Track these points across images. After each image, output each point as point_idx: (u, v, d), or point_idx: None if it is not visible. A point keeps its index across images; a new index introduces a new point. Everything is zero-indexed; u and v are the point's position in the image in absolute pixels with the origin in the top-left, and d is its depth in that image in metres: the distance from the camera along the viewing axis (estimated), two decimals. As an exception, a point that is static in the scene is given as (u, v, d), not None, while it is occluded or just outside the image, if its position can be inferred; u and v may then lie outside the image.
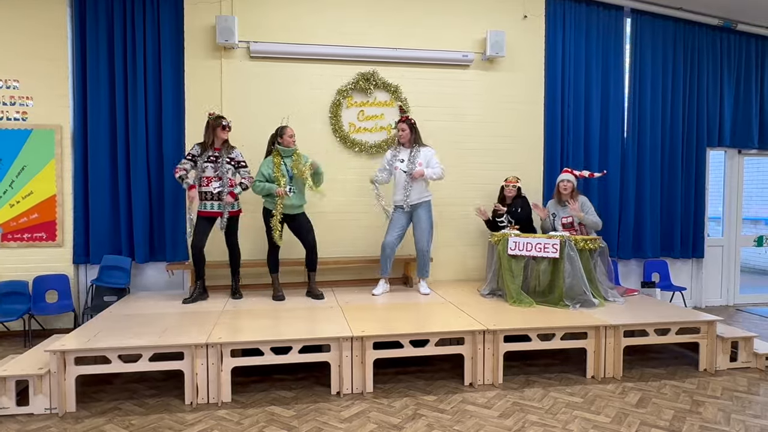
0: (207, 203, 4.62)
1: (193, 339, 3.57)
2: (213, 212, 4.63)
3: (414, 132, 4.96)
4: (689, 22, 6.12)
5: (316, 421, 3.31)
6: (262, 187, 4.66)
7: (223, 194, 4.60)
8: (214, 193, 4.59)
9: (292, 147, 4.69)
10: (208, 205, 4.62)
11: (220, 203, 4.63)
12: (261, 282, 5.28)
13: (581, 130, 5.91)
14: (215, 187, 4.58)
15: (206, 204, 4.62)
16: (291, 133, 4.70)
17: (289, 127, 4.73)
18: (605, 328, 4.05)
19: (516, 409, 3.49)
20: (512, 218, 5.25)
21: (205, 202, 4.62)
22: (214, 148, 4.62)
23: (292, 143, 4.69)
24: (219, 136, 4.61)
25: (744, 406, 3.57)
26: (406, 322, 4.08)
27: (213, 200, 4.61)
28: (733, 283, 6.68)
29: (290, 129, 4.72)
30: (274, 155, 4.70)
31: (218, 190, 4.59)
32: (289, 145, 4.68)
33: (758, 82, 6.36)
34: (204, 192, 4.60)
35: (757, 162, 7.12)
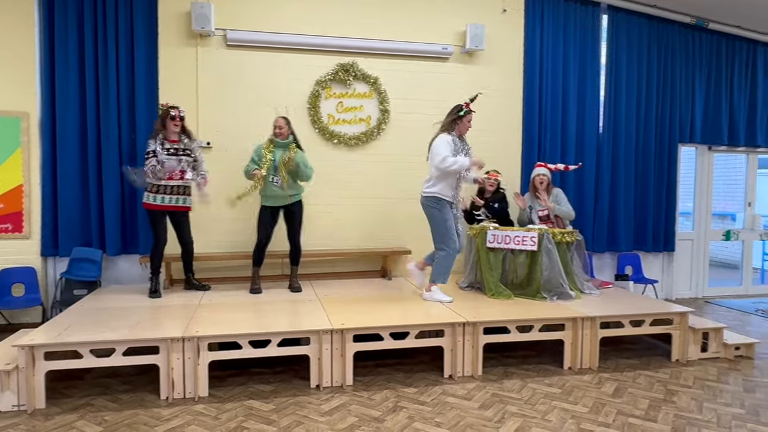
0: (166, 197, 4.45)
1: (169, 333, 3.49)
2: (171, 206, 4.49)
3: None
4: (663, 20, 6.23)
5: (296, 414, 3.27)
6: (247, 169, 4.62)
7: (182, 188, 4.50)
8: (173, 186, 4.46)
9: (280, 139, 4.60)
10: (165, 199, 4.45)
11: (179, 197, 4.50)
12: (237, 275, 5.19)
13: (558, 124, 5.97)
14: (176, 182, 4.45)
15: (164, 197, 4.45)
16: (277, 124, 4.61)
17: (279, 118, 4.64)
18: (582, 320, 4.10)
19: (496, 401, 3.51)
20: (490, 213, 5.27)
21: (163, 195, 4.44)
22: (171, 141, 4.47)
23: (279, 135, 4.60)
24: (170, 128, 4.44)
25: (715, 394, 3.66)
26: (385, 314, 4.07)
27: (172, 194, 4.47)
28: (702, 276, 6.86)
29: (279, 120, 4.63)
30: (267, 142, 4.63)
31: (179, 184, 4.47)
32: (276, 136, 4.60)
33: (728, 81, 6.51)
34: (164, 186, 4.43)
35: (726, 158, 7.31)
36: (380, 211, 5.60)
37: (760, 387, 3.81)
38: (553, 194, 5.20)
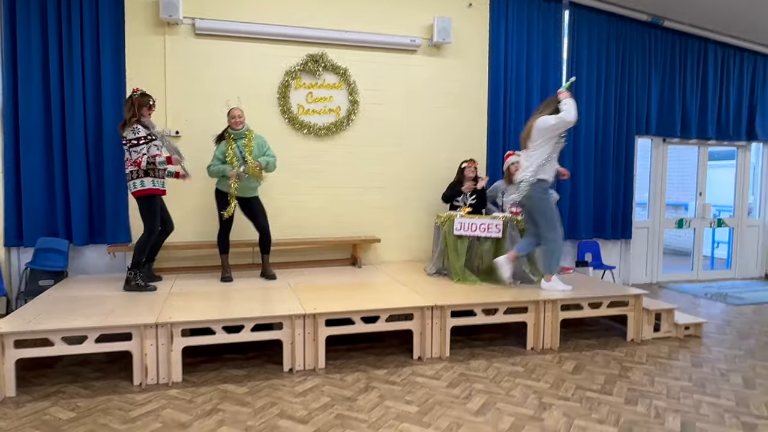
0: (158, 181, 4.38)
1: (143, 319, 3.52)
2: (163, 190, 4.47)
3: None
4: (621, 17, 6.48)
5: (270, 396, 3.35)
6: (217, 169, 4.63)
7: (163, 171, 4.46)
8: (160, 170, 4.43)
9: (239, 128, 4.64)
10: (158, 183, 4.39)
11: (164, 180, 4.48)
12: (207, 264, 5.21)
13: (522, 115, 6.15)
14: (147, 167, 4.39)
15: (162, 182, 4.41)
16: (235, 114, 4.65)
17: (235, 108, 4.68)
18: (544, 303, 4.30)
19: (462, 380, 3.67)
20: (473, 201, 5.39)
21: (155, 179, 4.34)
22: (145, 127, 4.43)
23: (237, 125, 4.64)
24: (145, 116, 4.36)
25: (666, 370, 3.91)
26: (356, 300, 4.18)
27: (161, 177, 4.45)
28: (657, 263, 7.21)
29: (236, 110, 4.67)
30: (227, 139, 4.65)
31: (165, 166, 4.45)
32: (235, 126, 4.63)
33: (681, 76, 6.83)
34: (157, 170, 4.36)
35: (679, 150, 7.66)
36: (350, 200, 5.69)
37: (706, 362, 4.08)
38: None
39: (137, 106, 4.30)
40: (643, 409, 3.24)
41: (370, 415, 3.11)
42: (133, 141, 4.25)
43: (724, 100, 7.07)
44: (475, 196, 5.42)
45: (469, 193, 5.41)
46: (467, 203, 5.38)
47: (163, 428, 2.92)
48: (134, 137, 4.26)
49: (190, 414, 3.09)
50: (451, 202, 5.49)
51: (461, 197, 5.42)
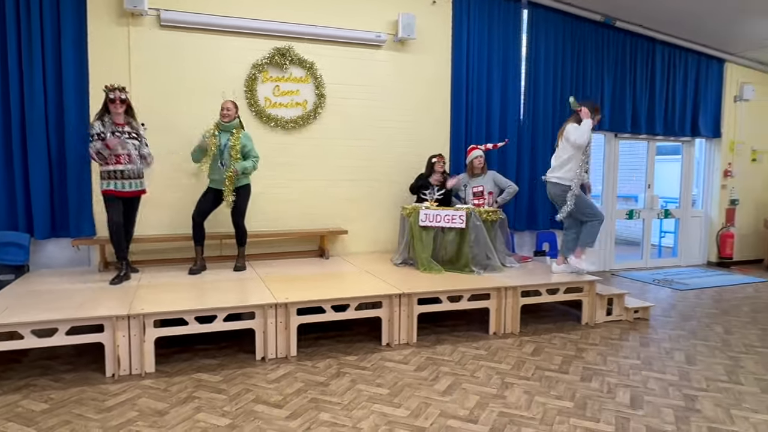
0: (117, 182, 4.35)
1: (114, 311, 3.53)
2: (124, 192, 4.44)
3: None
4: (577, 17, 6.77)
5: (244, 384, 3.44)
6: (195, 148, 4.71)
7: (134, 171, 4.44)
8: (124, 171, 4.38)
9: (225, 122, 4.68)
10: (119, 185, 4.36)
11: (133, 181, 4.46)
12: (174, 257, 5.22)
13: (483, 111, 6.38)
14: (124, 166, 4.38)
15: (116, 183, 4.36)
16: (224, 106, 4.70)
17: (226, 101, 4.74)
18: (505, 290, 4.53)
19: (430, 363, 3.85)
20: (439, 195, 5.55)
21: (116, 181, 4.35)
22: (116, 124, 4.39)
23: (224, 117, 4.69)
24: (112, 111, 4.33)
25: (617, 350, 4.20)
26: (326, 289, 4.29)
27: (125, 179, 4.41)
28: (610, 252, 7.59)
29: (226, 102, 4.72)
30: (215, 125, 4.70)
31: (129, 168, 4.41)
32: (222, 119, 4.69)
33: (632, 75, 7.18)
34: (114, 171, 4.35)
35: (630, 145, 8.06)
36: (317, 192, 5.78)
37: (653, 342, 4.40)
38: (489, 176, 5.63)
39: (104, 102, 4.34)
40: (596, 386, 3.49)
41: (343, 398, 3.25)
42: (90, 136, 4.33)
43: (671, 98, 7.48)
44: (443, 192, 5.59)
45: (437, 188, 5.58)
46: (434, 198, 5.54)
47: (140, 416, 2.97)
48: (89, 132, 4.34)
49: (167, 402, 3.15)
50: (418, 194, 5.65)
51: (429, 190, 5.58)
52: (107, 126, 4.30)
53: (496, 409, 3.13)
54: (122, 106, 4.36)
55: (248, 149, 4.82)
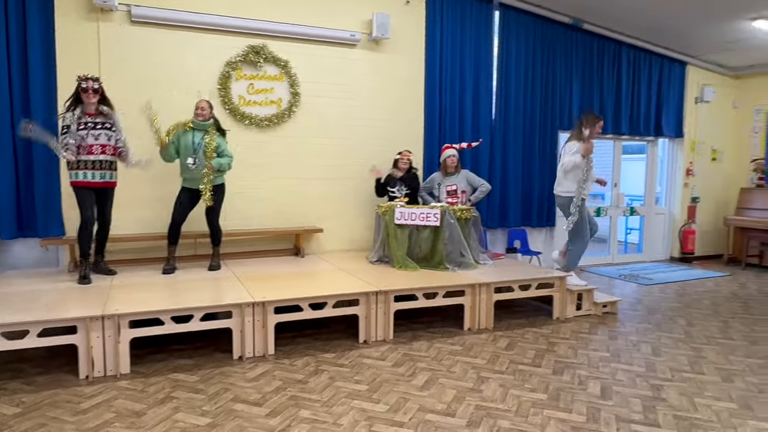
0: (89, 173, 4.27)
1: (88, 311, 3.48)
2: (97, 182, 4.36)
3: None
4: (546, 18, 6.92)
5: (222, 383, 3.43)
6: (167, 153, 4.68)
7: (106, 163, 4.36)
8: (96, 161, 4.30)
9: (199, 121, 4.65)
10: (89, 175, 4.28)
11: (104, 172, 4.38)
12: (146, 257, 5.15)
13: (456, 110, 6.47)
14: (97, 156, 4.31)
15: (87, 173, 4.27)
16: (199, 105, 4.66)
17: (201, 100, 4.70)
18: (479, 286, 4.62)
19: (407, 359, 3.91)
20: (404, 189, 5.62)
21: (86, 171, 4.27)
22: (88, 114, 4.30)
23: (199, 116, 4.65)
24: (84, 101, 4.25)
25: (587, 343, 4.34)
26: (303, 287, 4.30)
27: (96, 169, 4.33)
28: (578, 248, 7.79)
29: (201, 102, 4.69)
30: (185, 123, 4.66)
31: (102, 159, 4.33)
32: (197, 118, 4.64)
33: (599, 76, 7.38)
34: (86, 161, 4.26)
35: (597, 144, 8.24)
36: (292, 191, 5.77)
37: (621, 335, 4.55)
38: (463, 175, 5.71)
39: (76, 92, 4.25)
40: (568, 378, 3.61)
41: (322, 395, 3.27)
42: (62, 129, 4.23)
43: (636, 98, 7.72)
44: (407, 185, 5.66)
45: (403, 184, 5.64)
46: (403, 194, 5.61)
47: (117, 417, 2.94)
48: (61, 124, 4.24)
49: (144, 403, 3.13)
50: (385, 193, 5.70)
51: (396, 187, 5.64)
52: (77, 117, 4.21)
53: (472, 402, 3.21)
54: (95, 96, 4.27)
55: (222, 149, 4.79)
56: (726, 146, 8.62)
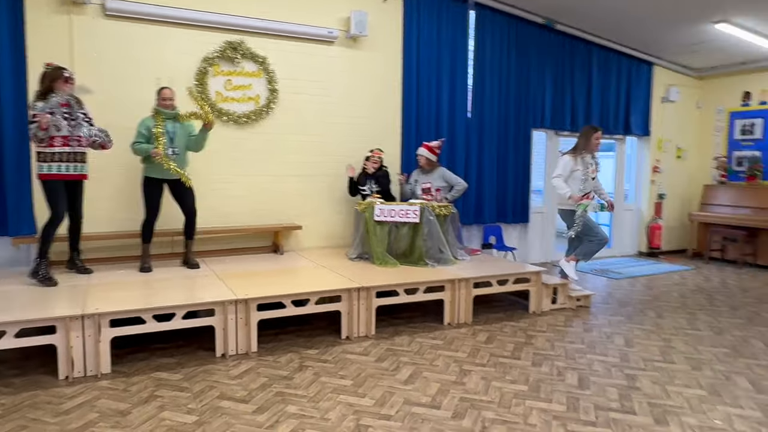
0: (62, 165, 4.14)
1: (67, 311, 3.42)
2: (72, 174, 4.26)
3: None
4: (520, 18, 7.04)
5: (207, 381, 3.42)
6: (140, 148, 4.53)
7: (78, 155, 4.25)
8: (69, 153, 4.19)
9: (168, 110, 4.58)
10: (63, 168, 4.15)
11: (76, 165, 4.27)
12: (122, 255, 5.06)
13: (433, 108, 6.54)
14: (69, 148, 4.19)
15: (61, 166, 4.14)
16: (165, 95, 4.58)
17: (166, 89, 4.62)
18: (459, 281, 4.70)
19: (389, 354, 3.96)
20: (375, 187, 5.68)
21: (60, 164, 4.14)
22: (60, 104, 4.18)
23: (168, 106, 4.58)
24: (62, 90, 4.13)
25: (563, 336, 4.47)
26: (285, 284, 4.31)
27: (69, 161, 4.21)
28: (551, 244, 7.99)
29: (167, 91, 4.61)
30: (155, 115, 4.56)
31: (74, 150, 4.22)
32: (165, 107, 4.56)
33: (571, 76, 7.56)
34: (60, 153, 4.12)
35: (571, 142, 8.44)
36: (270, 188, 5.75)
37: (595, 327, 4.70)
38: (439, 173, 5.78)
39: (49, 80, 4.09)
40: (547, 369, 3.72)
41: (308, 391, 3.30)
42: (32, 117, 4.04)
43: (605, 98, 7.93)
44: (378, 183, 5.71)
45: (374, 182, 5.69)
46: (373, 191, 5.66)
47: (101, 417, 2.91)
48: (31, 113, 4.07)
49: (128, 402, 3.10)
50: (355, 193, 5.75)
51: (367, 185, 5.69)
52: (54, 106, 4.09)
53: (456, 395, 3.28)
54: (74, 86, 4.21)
55: (194, 130, 4.80)
56: (690, 144, 8.94)
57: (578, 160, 5.29)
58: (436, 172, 5.82)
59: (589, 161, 5.31)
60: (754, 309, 5.44)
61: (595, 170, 5.33)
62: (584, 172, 5.25)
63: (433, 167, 5.81)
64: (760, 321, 5.00)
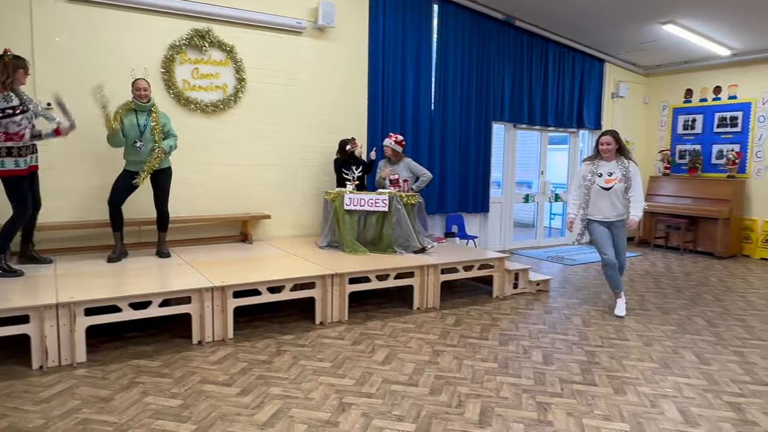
0: (20, 159, 4.00)
1: (41, 300, 3.37)
2: (32, 167, 4.16)
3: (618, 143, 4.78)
4: (481, 14, 7.26)
5: (186, 367, 3.46)
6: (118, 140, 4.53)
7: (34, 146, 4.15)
8: (28, 146, 4.11)
9: (144, 102, 4.52)
10: (21, 162, 4.01)
11: (32, 156, 4.14)
12: (86, 245, 4.97)
13: (398, 99, 6.68)
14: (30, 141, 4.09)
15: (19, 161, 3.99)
16: (140, 86, 4.52)
17: (141, 80, 4.56)
18: (428, 267, 4.88)
19: (364, 338, 4.09)
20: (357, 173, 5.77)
21: (18, 158, 3.99)
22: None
23: (143, 98, 4.52)
24: (20, 80, 4.02)
25: (526, 318, 4.72)
26: (259, 272, 4.36)
27: (30, 153, 4.13)
28: (508, 233, 8.30)
29: (141, 82, 4.55)
30: (127, 104, 4.49)
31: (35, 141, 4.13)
32: (140, 100, 4.51)
33: (528, 71, 7.85)
34: (20, 147, 4.00)
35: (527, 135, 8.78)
36: (237, 177, 5.75)
37: (554, 310, 4.98)
38: (405, 164, 5.91)
39: (11, 69, 3.91)
40: (513, 348, 3.94)
41: (289, 373, 3.39)
42: (8, 110, 3.88)
43: (560, 93, 8.29)
44: (361, 168, 5.83)
45: (356, 168, 5.80)
46: (355, 177, 5.76)
47: (84, 404, 2.91)
48: (6, 106, 3.87)
49: (108, 389, 3.10)
50: (339, 174, 5.83)
51: (350, 171, 5.78)
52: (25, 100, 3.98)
53: (432, 373, 3.45)
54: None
55: (168, 128, 4.76)
56: (638, 138, 9.45)
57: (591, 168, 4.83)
58: (402, 163, 5.96)
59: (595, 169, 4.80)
60: (696, 291, 5.88)
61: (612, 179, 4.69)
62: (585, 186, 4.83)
63: (398, 158, 5.95)
64: (701, 301, 5.42)
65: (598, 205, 4.77)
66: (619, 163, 4.74)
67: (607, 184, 4.69)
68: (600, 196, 4.73)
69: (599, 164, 4.79)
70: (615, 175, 4.68)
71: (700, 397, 3.21)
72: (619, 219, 4.78)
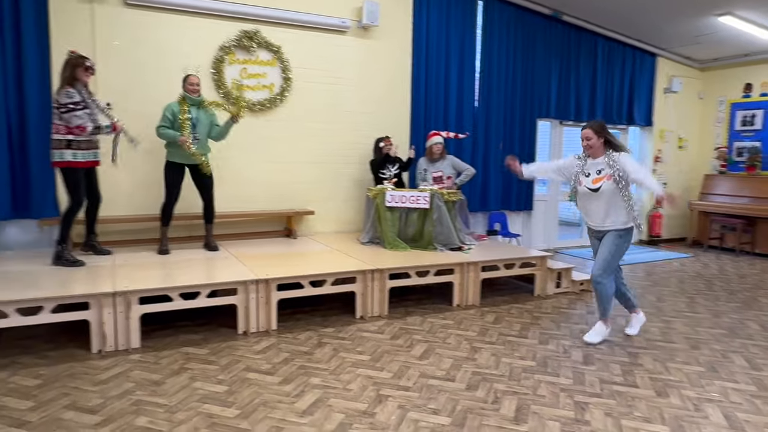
0: (79, 152, 4.26)
1: (99, 288, 3.60)
2: (91, 162, 4.42)
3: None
4: (527, 9, 7.17)
5: (232, 355, 3.61)
6: (166, 133, 4.69)
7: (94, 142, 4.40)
8: (88, 140, 4.34)
9: (195, 96, 4.74)
10: (86, 155, 4.30)
11: (95, 151, 4.42)
12: (142, 237, 5.23)
13: (441, 97, 6.69)
14: (90, 134, 4.31)
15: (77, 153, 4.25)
16: (193, 81, 4.75)
17: (193, 76, 4.78)
18: (468, 264, 4.89)
19: (403, 332, 4.15)
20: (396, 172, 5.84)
21: (77, 151, 4.25)
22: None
23: (194, 92, 4.75)
24: (81, 79, 4.27)
25: (567, 317, 4.67)
26: (302, 266, 4.49)
27: (89, 149, 4.37)
28: (553, 231, 8.17)
29: (193, 77, 4.78)
30: (180, 101, 4.71)
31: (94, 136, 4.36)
32: (192, 94, 4.73)
33: (576, 67, 7.70)
34: (80, 140, 4.26)
35: (575, 131, 8.60)
36: (284, 174, 5.91)
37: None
38: (448, 161, 5.94)
39: (72, 67, 4.20)
40: (553, 347, 3.91)
41: (329, 365, 3.49)
42: (70, 105, 4.14)
43: (609, 88, 8.07)
44: (398, 166, 5.89)
45: (392, 166, 5.85)
46: (392, 175, 5.81)
47: (138, 386, 3.10)
48: (68, 101, 4.14)
49: (160, 374, 3.29)
50: (376, 174, 5.91)
51: (387, 169, 5.84)
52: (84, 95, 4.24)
53: (469, 369, 3.47)
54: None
55: (217, 120, 4.99)
56: (692, 135, 9.10)
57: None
58: (446, 160, 5.98)
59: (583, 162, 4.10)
60: (751, 294, 5.64)
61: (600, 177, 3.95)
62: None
63: (443, 156, 5.97)
64: (756, 305, 5.20)
65: (587, 209, 4.11)
66: (607, 158, 3.96)
67: (595, 185, 3.94)
68: (589, 199, 4.01)
69: (587, 163, 4.05)
70: (604, 172, 3.93)
71: (747, 402, 3.10)
72: (612, 229, 4.01)
